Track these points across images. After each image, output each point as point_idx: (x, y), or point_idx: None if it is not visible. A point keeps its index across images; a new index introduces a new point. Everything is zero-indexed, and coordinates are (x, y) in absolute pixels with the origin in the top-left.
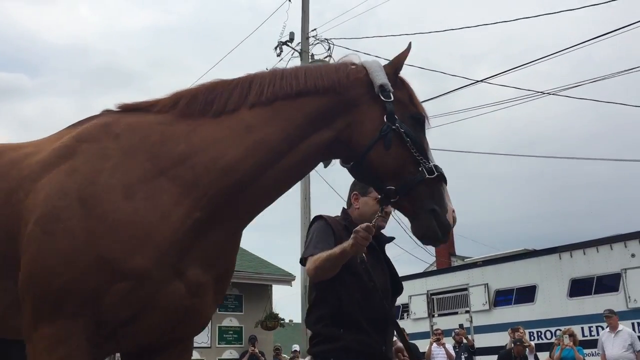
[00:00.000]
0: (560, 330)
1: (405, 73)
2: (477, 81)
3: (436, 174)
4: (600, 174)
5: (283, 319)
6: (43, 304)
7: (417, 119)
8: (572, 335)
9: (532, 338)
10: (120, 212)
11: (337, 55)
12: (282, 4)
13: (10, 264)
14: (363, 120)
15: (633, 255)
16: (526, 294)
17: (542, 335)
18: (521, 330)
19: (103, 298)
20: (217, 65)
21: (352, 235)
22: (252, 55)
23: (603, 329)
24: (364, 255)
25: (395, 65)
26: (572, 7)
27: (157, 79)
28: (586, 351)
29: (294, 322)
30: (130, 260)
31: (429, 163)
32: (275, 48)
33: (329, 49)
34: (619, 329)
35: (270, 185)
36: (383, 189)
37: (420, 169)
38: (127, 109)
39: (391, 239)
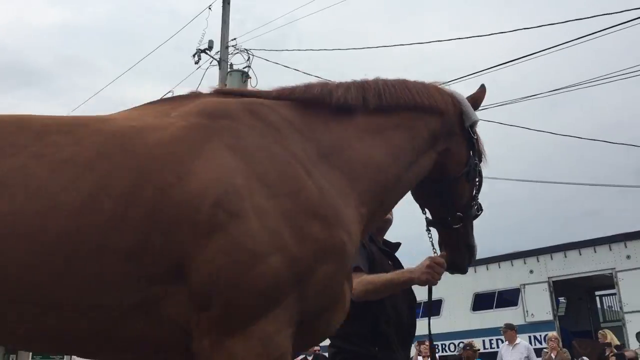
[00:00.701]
0: (462, 342)
1: None
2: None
3: (481, 212)
4: (509, 193)
5: None
6: (246, 300)
7: (482, 160)
8: (473, 347)
9: (437, 351)
10: (308, 190)
11: (257, 66)
12: (202, 11)
13: (154, 258)
14: (456, 151)
15: (531, 272)
16: (433, 307)
17: (447, 348)
18: (426, 343)
19: (308, 283)
20: (132, 69)
21: (426, 269)
22: (169, 61)
23: (503, 341)
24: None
25: (476, 105)
26: (481, 34)
27: (66, 79)
28: None
29: None
30: (333, 237)
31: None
32: (194, 55)
33: (248, 59)
34: (517, 342)
35: (399, 194)
36: (452, 214)
37: (477, 205)
38: (226, 93)
39: (398, 244)
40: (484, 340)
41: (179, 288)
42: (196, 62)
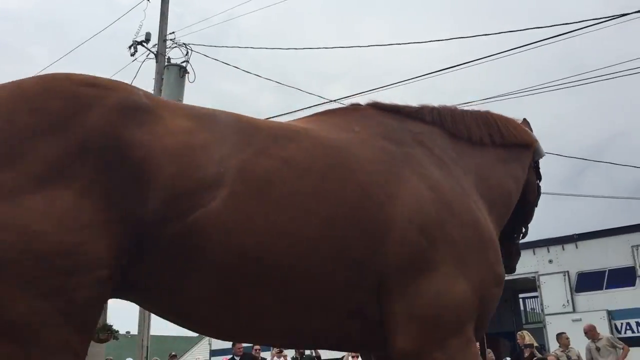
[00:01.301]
0: None
1: (261, 86)
2: (331, 100)
3: None
4: None
5: (117, 331)
6: (446, 317)
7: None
8: None
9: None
10: (482, 221)
11: (195, 62)
12: (139, 2)
13: (368, 268)
14: (531, 180)
15: None
16: None
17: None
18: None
19: (485, 304)
20: (65, 58)
21: None
22: (104, 51)
23: None
24: None
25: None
26: (420, 40)
27: None
28: None
29: (130, 334)
30: (500, 264)
31: None
32: (130, 47)
33: (186, 54)
34: None
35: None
36: (520, 231)
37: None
38: (380, 108)
39: None
40: None
41: (387, 297)
42: (132, 54)
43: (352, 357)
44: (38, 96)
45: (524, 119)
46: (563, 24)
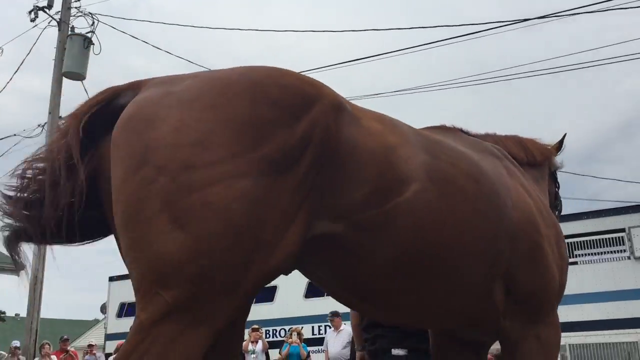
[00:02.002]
0: (292, 328)
1: (172, 64)
2: None
3: None
4: None
5: (4, 312)
6: (548, 301)
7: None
8: (299, 333)
9: (268, 336)
10: (557, 222)
11: (101, 33)
12: None
13: (496, 262)
14: (551, 190)
15: None
16: (267, 294)
17: (277, 334)
18: (261, 330)
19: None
20: None
21: None
22: (1, 15)
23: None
24: None
25: (558, 151)
26: (335, 29)
27: None
28: (315, 348)
29: (20, 316)
30: (567, 255)
31: None
32: (30, 12)
33: (92, 24)
34: (341, 328)
35: None
36: None
37: None
38: (461, 130)
39: None
40: (313, 327)
41: (510, 283)
42: (32, 20)
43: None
44: (274, 90)
45: (564, 135)
46: (470, 24)
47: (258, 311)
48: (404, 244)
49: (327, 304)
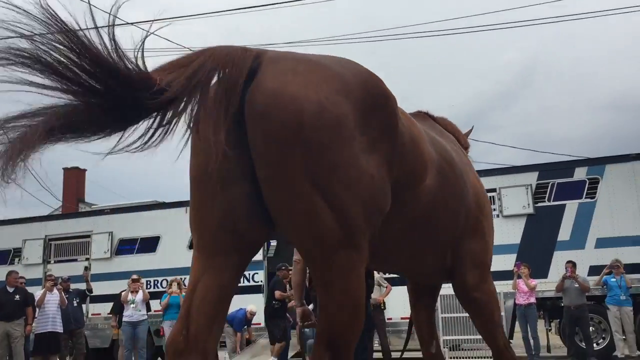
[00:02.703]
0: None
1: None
2: (129, 23)
3: None
4: None
5: None
6: (488, 263)
7: None
8: (179, 283)
9: (150, 287)
10: (488, 202)
11: None
12: None
13: (458, 234)
14: None
15: None
16: (149, 244)
17: (159, 284)
18: (141, 281)
19: None
20: None
21: None
22: None
23: None
24: None
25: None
26: None
27: None
28: None
29: None
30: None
31: None
32: None
33: None
34: None
35: None
36: None
37: None
38: (430, 116)
39: None
40: None
41: (461, 250)
42: None
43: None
44: (374, 89)
45: (472, 127)
46: None
47: (139, 262)
48: (414, 218)
49: None
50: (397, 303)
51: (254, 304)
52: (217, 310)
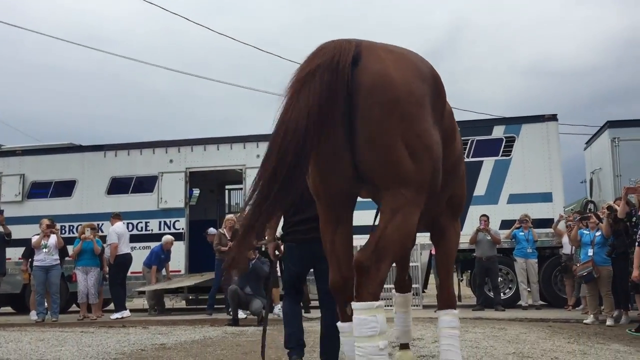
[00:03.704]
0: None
1: None
2: None
3: None
4: (165, 86)
5: None
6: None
7: None
8: (93, 228)
9: (64, 232)
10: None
11: None
12: None
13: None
14: None
15: (171, 161)
16: (64, 188)
17: (74, 230)
18: (56, 226)
19: None
20: None
21: None
22: None
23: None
24: None
25: None
26: None
27: None
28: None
29: None
30: None
31: None
32: None
33: None
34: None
35: None
36: None
37: None
38: None
39: None
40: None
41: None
42: None
43: None
44: (438, 80)
45: None
46: None
47: (54, 206)
48: (446, 169)
49: (130, 202)
50: None
51: (169, 237)
52: (351, 252)
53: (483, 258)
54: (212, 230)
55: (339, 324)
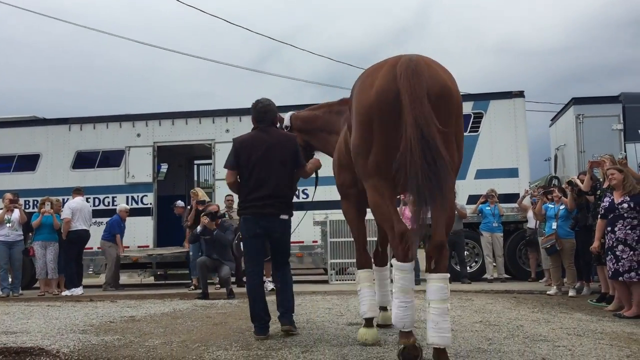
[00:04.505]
0: (59, 199)
1: None
2: None
3: None
4: (124, 59)
5: None
6: None
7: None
8: (52, 202)
9: (28, 207)
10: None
11: None
12: None
13: None
14: None
15: (139, 135)
16: (28, 162)
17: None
18: (20, 201)
19: None
20: None
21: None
22: None
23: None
24: None
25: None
26: None
27: None
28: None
29: None
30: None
31: None
32: None
33: None
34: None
35: None
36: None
37: None
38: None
39: None
40: (87, 198)
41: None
42: None
43: None
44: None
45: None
46: None
47: (17, 180)
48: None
49: (96, 177)
50: None
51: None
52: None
53: (450, 232)
54: (179, 202)
55: (399, 263)
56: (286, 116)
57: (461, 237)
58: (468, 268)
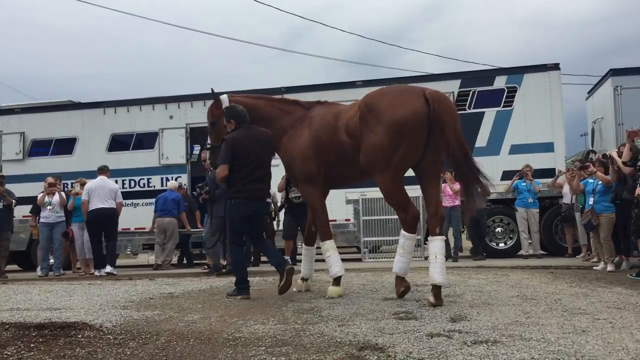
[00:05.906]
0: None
1: None
2: None
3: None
4: (157, 42)
5: None
6: None
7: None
8: (83, 184)
9: (67, 188)
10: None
11: None
12: None
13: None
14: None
15: (171, 117)
16: (65, 146)
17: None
18: (59, 184)
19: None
20: None
21: None
22: None
23: (137, 183)
24: None
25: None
26: None
27: None
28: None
29: None
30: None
31: None
32: None
33: None
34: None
35: None
36: None
37: None
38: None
39: None
40: (117, 180)
41: None
42: None
43: None
44: None
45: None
46: None
47: (55, 164)
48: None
49: (133, 158)
50: None
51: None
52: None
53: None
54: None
55: (408, 234)
56: (224, 97)
57: (483, 215)
58: (503, 245)
